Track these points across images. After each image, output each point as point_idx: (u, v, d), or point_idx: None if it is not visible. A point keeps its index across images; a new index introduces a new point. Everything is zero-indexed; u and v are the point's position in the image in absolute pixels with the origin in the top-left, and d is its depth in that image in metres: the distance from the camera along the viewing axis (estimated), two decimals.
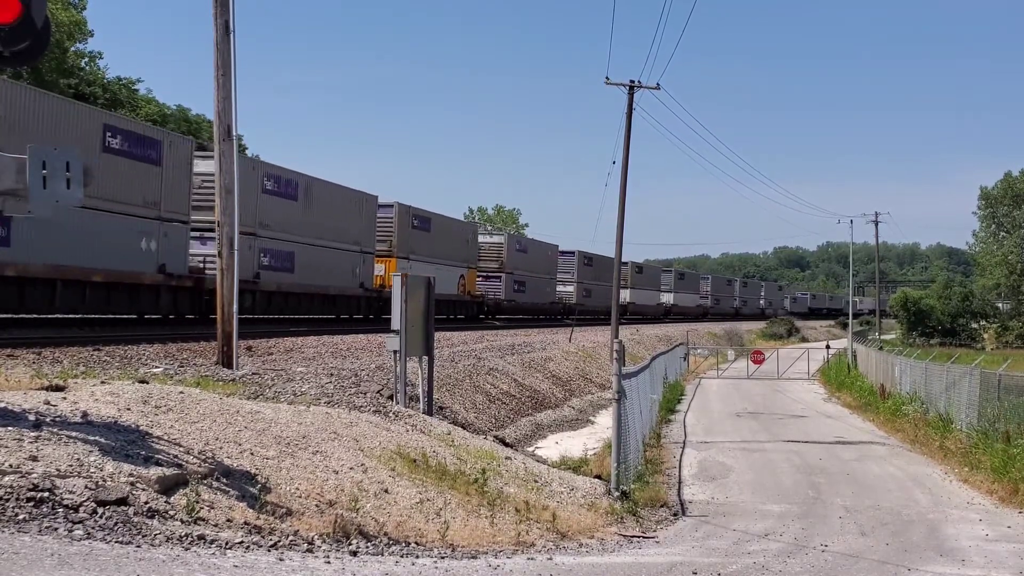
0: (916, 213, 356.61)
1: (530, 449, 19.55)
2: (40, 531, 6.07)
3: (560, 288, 67.12)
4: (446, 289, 43.88)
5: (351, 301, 38.89)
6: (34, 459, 7.02)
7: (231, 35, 17.36)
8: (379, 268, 41.26)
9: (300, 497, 8.96)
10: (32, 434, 7.56)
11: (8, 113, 20.70)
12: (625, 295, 76.78)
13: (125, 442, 8.20)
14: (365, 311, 40.13)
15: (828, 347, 51.62)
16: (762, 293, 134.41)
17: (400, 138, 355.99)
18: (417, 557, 8.16)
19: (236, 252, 17.49)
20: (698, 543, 11.62)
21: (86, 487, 6.83)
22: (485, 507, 10.82)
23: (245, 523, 7.54)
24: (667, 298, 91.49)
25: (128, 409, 9.57)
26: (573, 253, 70.02)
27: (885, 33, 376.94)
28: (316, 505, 8.90)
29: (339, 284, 37.10)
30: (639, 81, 33.80)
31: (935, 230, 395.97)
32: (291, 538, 7.53)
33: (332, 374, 17.62)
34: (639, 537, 11.69)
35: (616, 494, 13.61)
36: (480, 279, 53.47)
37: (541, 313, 62.88)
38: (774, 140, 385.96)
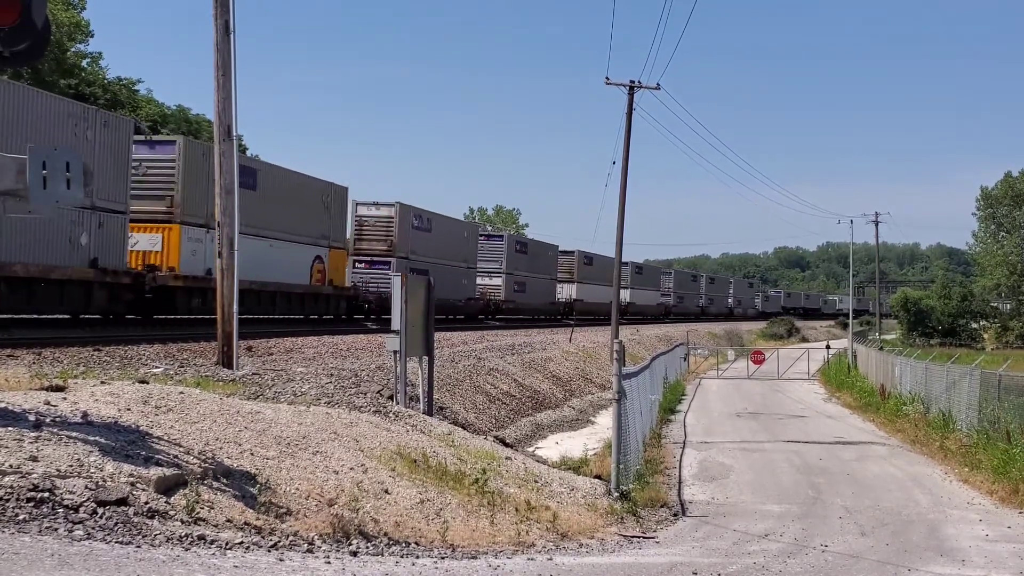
0: (916, 213, 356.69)
1: (530, 449, 19.55)
2: (40, 531, 6.07)
3: (483, 281, 53.39)
4: (287, 276, 32.56)
5: (73, 289, 23.12)
6: (34, 459, 7.02)
7: (231, 35, 17.37)
8: (148, 240, 26.61)
9: (300, 497, 8.96)
10: (32, 434, 7.56)
11: None
12: (570, 291, 68.01)
13: (125, 442, 8.20)
14: (105, 304, 24.33)
15: (828, 347, 51.66)
16: (731, 291, 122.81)
17: (400, 138, 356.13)
18: (417, 557, 8.16)
19: (236, 252, 17.51)
20: (698, 543, 11.62)
21: (86, 487, 6.83)
22: (485, 507, 10.82)
23: (245, 523, 7.54)
24: (623, 295, 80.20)
25: (128, 409, 9.57)
26: (501, 237, 58.17)
27: (885, 33, 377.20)
28: (316, 505, 8.90)
29: (42, 260, 21.76)
30: (639, 81, 33.80)
31: (935, 230, 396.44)
32: (291, 538, 7.54)
33: (332, 374, 17.62)
34: (639, 537, 11.69)
35: (616, 494, 13.62)
36: (361, 265, 40.69)
37: (454, 313, 47.40)
38: (774, 140, 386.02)
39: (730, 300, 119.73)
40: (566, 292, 67.85)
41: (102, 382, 11.65)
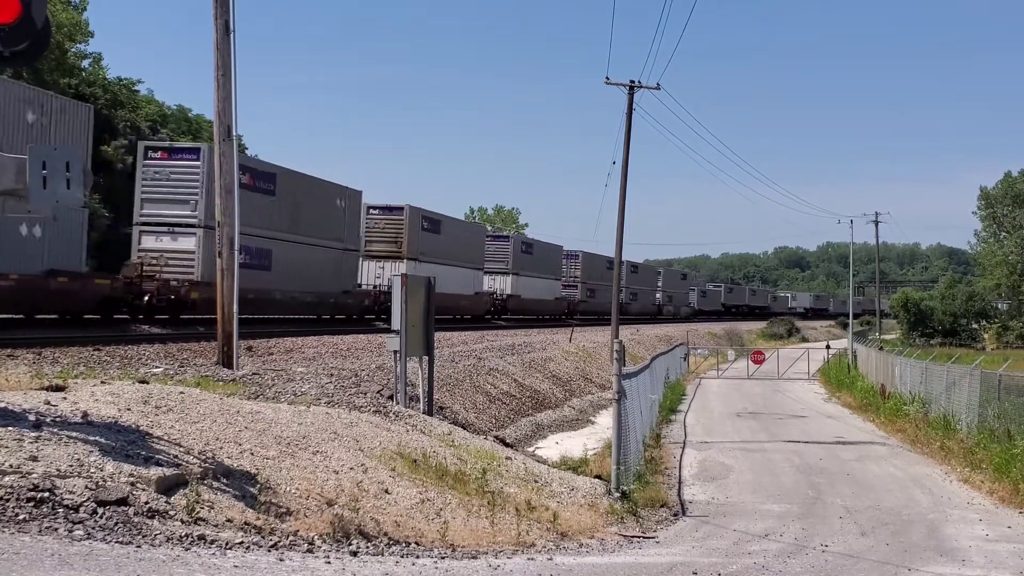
0: (916, 213, 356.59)
1: (530, 449, 19.55)
2: (40, 531, 6.06)
3: (155, 245, 28.68)
4: None
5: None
6: (34, 459, 7.02)
7: (231, 35, 17.38)
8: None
9: (300, 497, 8.96)
10: (32, 434, 7.56)
11: None
12: (397, 271, 36.72)
13: (125, 442, 8.20)
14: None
15: (828, 347, 51.67)
16: (659, 284, 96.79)
17: (400, 138, 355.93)
18: (417, 557, 8.16)
19: (236, 252, 17.51)
20: (698, 543, 11.62)
21: (86, 487, 6.83)
22: (485, 507, 10.82)
23: (245, 523, 7.53)
24: (502, 284, 57.16)
25: (128, 409, 9.57)
26: (274, 176, 32.49)
27: (886, 33, 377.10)
28: (316, 505, 8.90)
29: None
30: (639, 81, 33.77)
31: (935, 230, 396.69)
32: (291, 538, 7.53)
33: (332, 374, 17.62)
34: (639, 537, 11.68)
35: (616, 494, 13.61)
36: None
37: (135, 311, 27.07)
38: (774, 140, 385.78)
39: (659, 295, 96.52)
40: (388, 273, 40.15)
41: (102, 382, 11.65)
